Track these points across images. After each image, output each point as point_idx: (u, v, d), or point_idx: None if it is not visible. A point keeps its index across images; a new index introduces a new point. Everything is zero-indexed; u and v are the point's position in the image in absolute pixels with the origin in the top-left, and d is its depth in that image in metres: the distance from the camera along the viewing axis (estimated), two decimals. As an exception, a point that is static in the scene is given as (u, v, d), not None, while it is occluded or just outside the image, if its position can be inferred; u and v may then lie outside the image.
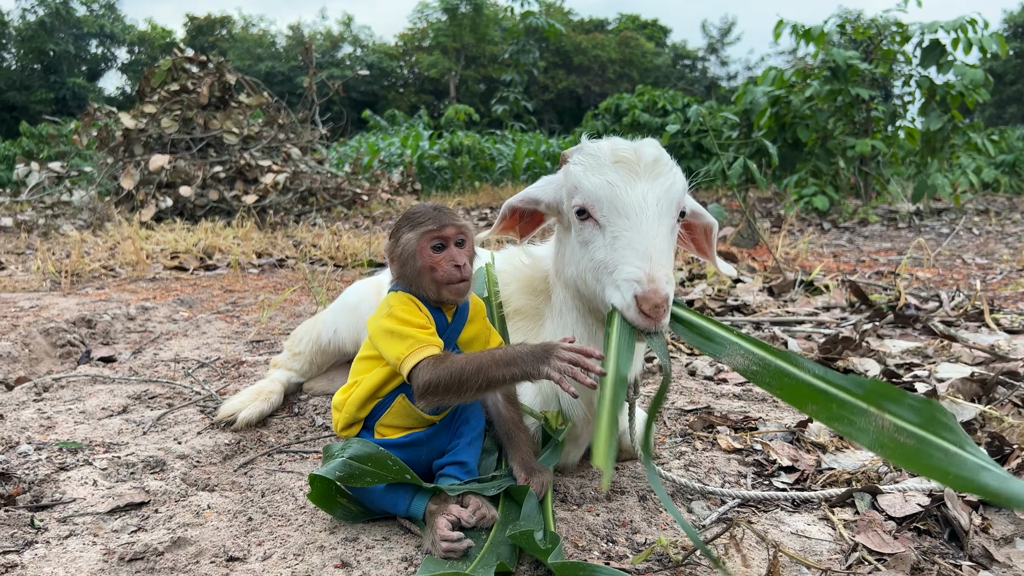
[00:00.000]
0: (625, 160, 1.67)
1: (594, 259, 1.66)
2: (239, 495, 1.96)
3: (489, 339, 1.85)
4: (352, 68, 47.14)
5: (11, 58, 49.94)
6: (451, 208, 1.79)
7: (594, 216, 1.67)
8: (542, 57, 44.29)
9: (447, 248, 1.72)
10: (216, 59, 12.27)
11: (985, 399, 2.64)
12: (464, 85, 49.88)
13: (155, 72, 11.99)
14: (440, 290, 1.72)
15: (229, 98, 12.37)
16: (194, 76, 12.03)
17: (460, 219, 1.75)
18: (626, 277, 1.54)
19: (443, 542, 1.56)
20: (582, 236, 1.71)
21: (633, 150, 1.69)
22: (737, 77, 59.88)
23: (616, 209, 1.63)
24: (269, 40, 57.72)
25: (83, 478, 2.01)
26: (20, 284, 5.48)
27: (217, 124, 11.71)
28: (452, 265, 1.69)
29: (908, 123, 12.11)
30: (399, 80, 54.81)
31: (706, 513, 1.87)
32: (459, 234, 1.73)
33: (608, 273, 1.60)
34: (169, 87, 11.82)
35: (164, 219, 10.32)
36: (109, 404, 2.66)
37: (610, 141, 1.76)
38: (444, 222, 1.72)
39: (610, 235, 1.62)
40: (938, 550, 1.72)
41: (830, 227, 10.11)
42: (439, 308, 1.77)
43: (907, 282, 5.33)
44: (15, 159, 13.07)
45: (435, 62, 49.56)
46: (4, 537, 1.70)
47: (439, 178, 19.72)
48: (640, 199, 1.62)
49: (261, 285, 5.58)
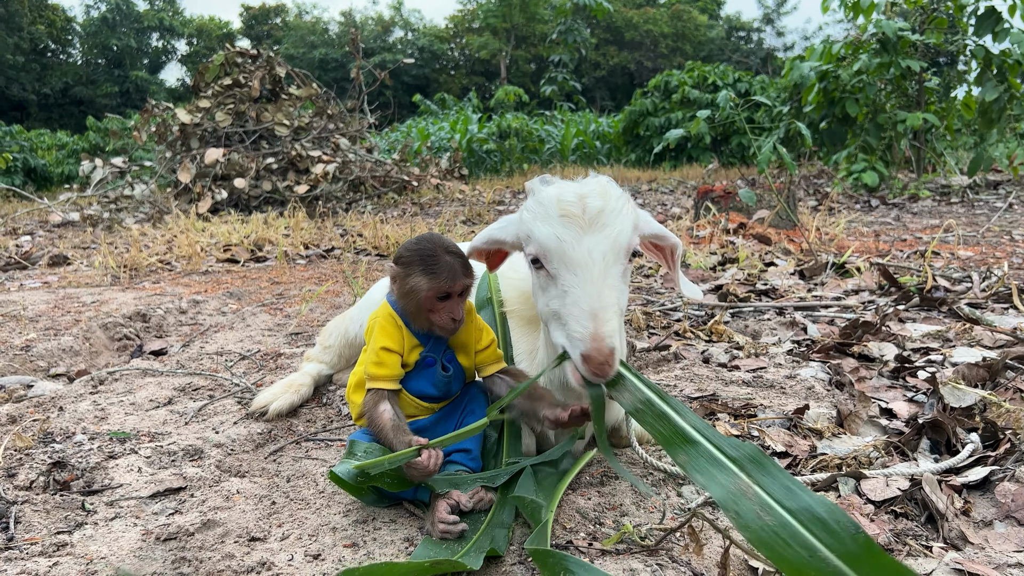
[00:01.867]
0: (571, 215, 1.72)
1: (549, 306, 1.76)
2: (267, 481, 2.15)
3: (481, 338, 2.00)
4: (404, 52, 47.51)
5: (77, 54, 51.69)
6: (460, 251, 1.90)
7: (546, 267, 1.76)
8: (593, 34, 43.92)
9: (451, 299, 1.87)
10: (266, 52, 12.60)
11: (990, 384, 2.69)
12: (515, 65, 49.80)
13: (208, 67, 12.37)
14: (431, 328, 1.88)
15: (280, 90, 12.70)
16: (246, 70, 12.38)
17: (471, 274, 1.88)
18: (574, 335, 1.65)
19: (440, 524, 1.72)
20: (539, 281, 1.81)
21: (579, 201, 1.73)
22: (794, 48, 58.49)
23: (564, 264, 1.71)
24: (322, 27, 58.42)
25: (129, 465, 2.23)
26: (84, 279, 5.82)
27: (268, 116, 12.05)
28: (450, 317, 1.85)
29: (964, 93, 11.80)
30: (450, 63, 55.00)
31: (694, 497, 1.99)
32: (464, 288, 1.88)
33: (561, 324, 1.71)
34: (222, 81, 12.20)
35: (220, 211, 10.70)
36: (156, 396, 2.89)
37: (558, 189, 1.80)
38: (457, 280, 1.85)
39: (560, 288, 1.71)
40: (912, 532, 1.81)
41: (878, 204, 9.95)
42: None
43: (945, 261, 5.30)
44: (81, 154, 13.63)
45: (485, 43, 49.58)
46: (59, 519, 1.92)
47: (488, 161, 19.86)
48: (586, 255, 1.69)
49: (307, 276, 5.82)
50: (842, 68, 11.30)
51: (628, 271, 1.85)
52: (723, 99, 5.66)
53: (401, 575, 1.42)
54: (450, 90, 40.42)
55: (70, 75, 47.61)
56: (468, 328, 1.97)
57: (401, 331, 1.91)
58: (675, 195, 12.81)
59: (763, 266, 5.14)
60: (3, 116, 34.06)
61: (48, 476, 2.12)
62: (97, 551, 1.74)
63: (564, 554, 1.42)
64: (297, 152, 11.53)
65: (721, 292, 4.39)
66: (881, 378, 2.94)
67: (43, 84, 44.88)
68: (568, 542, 1.75)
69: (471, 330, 1.98)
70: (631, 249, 1.79)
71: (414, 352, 1.91)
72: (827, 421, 2.45)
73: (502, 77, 45.21)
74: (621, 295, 1.75)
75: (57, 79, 46.02)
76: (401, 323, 1.91)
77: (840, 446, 2.29)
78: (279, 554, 1.72)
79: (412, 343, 1.91)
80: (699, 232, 6.64)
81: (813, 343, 3.43)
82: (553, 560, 1.42)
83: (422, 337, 1.91)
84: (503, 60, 47.43)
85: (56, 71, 46.88)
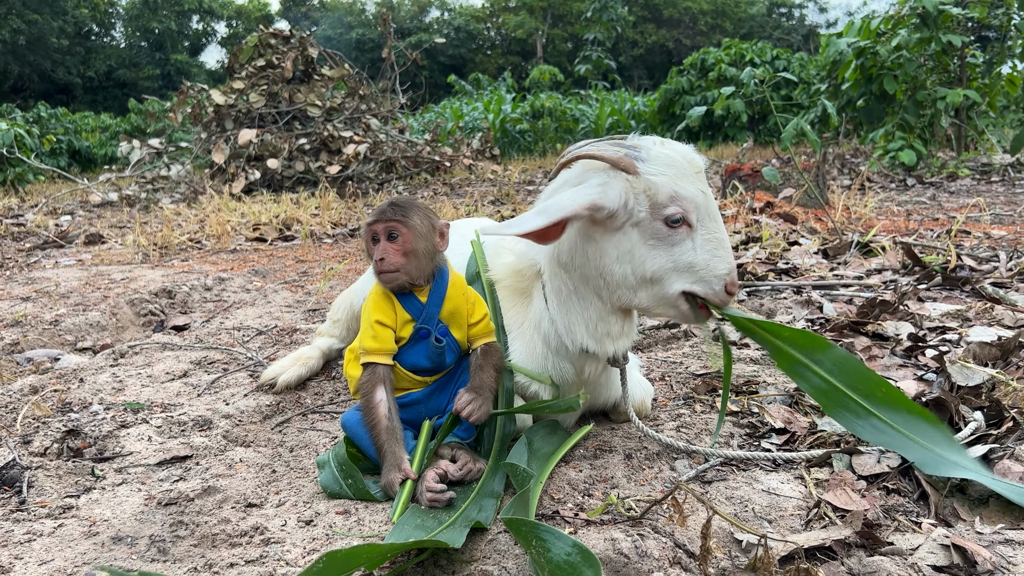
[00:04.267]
0: (701, 171, 1.93)
1: (679, 260, 1.88)
2: (270, 451, 2.21)
3: (473, 312, 2.02)
4: (439, 32, 47.44)
5: (120, 37, 52.49)
6: (410, 201, 1.96)
7: (689, 222, 1.87)
8: (631, 11, 43.43)
9: (379, 242, 1.90)
10: (299, 33, 12.69)
11: (1002, 363, 2.65)
12: (551, 45, 49.45)
13: (243, 49, 12.50)
14: (379, 279, 1.92)
15: (312, 71, 12.79)
16: (279, 51, 12.48)
17: (400, 214, 1.90)
18: (719, 272, 1.88)
19: (428, 492, 1.76)
20: (667, 239, 1.88)
21: (699, 161, 1.95)
22: (837, 24, 57.04)
23: (709, 215, 1.89)
24: (359, 8, 58.50)
25: (140, 435, 2.30)
26: (116, 257, 5.97)
27: (301, 97, 12.16)
28: (379, 258, 1.88)
29: (1009, 70, 11.46)
30: (486, 43, 54.76)
31: (687, 471, 2.01)
32: (388, 229, 1.90)
33: (692, 272, 1.89)
34: (256, 63, 12.33)
35: (253, 191, 10.85)
36: (173, 369, 2.97)
37: (679, 148, 1.95)
38: (380, 216, 1.91)
39: (702, 238, 1.88)
40: (903, 507, 1.81)
41: (914, 183, 9.75)
42: (411, 293, 1.95)
43: (976, 241, 5.19)
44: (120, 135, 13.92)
45: (521, 22, 49.27)
46: (69, 484, 1.99)
47: (521, 141, 19.82)
48: (716, 206, 1.94)
49: (332, 255, 5.90)
50: (880, 44, 11.03)
51: None
52: (747, 75, 5.58)
53: (383, 554, 1.45)
54: (486, 70, 40.27)
55: (113, 58, 48.39)
56: (460, 301, 2.00)
57: (393, 305, 1.94)
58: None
59: (787, 245, 5.09)
60: (49, 99, 34.80)
61: (62, 443, 2.20)
62: (101, 514, 1.81)
63: (538, 523, 1.44)
64: (329, 133, 11.63)
65: (740, 270, 4.36)
66: (893, 357, 2.91)
67: (87, 67, 45.70)
68: (555, 512, 1.78)
69: (463, 303, 2.00)
70: None
71: (407, 326, 1.95)
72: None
73: (538, 56, 44.96)
74: None
75: (101, 62, 46.82)
76: (393, 297, 1.94)
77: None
78: (273, 519, 1.77)
79: (404, 317, 1.94)
80: (725, 211, 6.58)
81: (827, 322, 3.40)
82: (526, 528, 1.45)
83: (414, 310, 1.94)
84: (539, 39, 47.12)
85: (100, 54, 47.69)
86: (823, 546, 1.59)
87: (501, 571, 1.52)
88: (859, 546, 1.62)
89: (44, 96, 36.76)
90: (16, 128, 14.84)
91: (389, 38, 13.53)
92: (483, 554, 1.60)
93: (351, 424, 1.99)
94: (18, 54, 39.88)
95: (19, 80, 41.25)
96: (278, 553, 1.61)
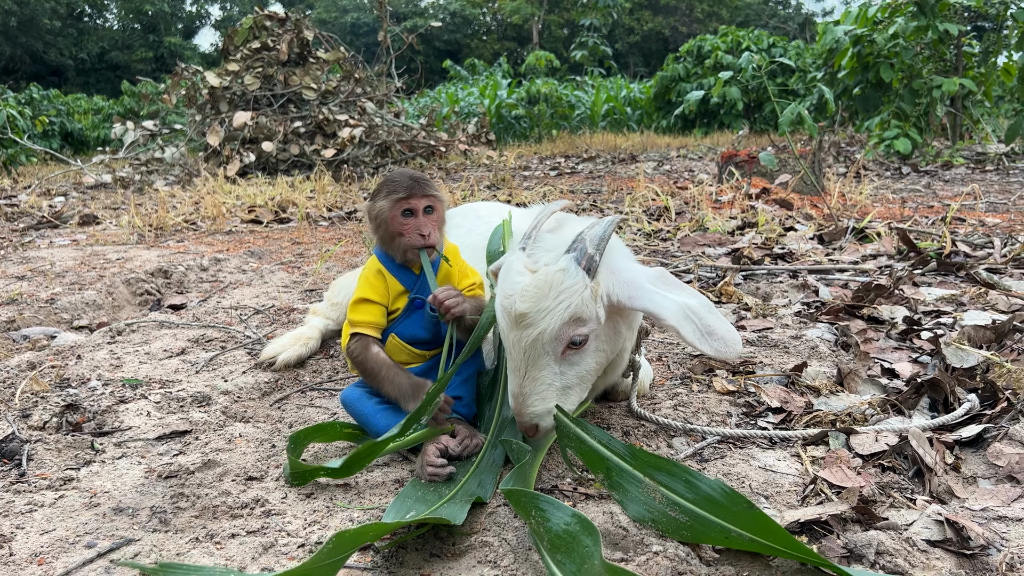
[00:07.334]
0: (505, 309, 1.78)
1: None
2: (270, 426, 2.22)
3: (462, 279, 2.04)
4: (435, 17, 47.19)
5: (113, 19, 52.05)
6: (427, 177, 1.98)
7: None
8: (627, -1, 43.24)
9: (415, 216, 1.90)
10: (294, 16, 12.60)
11: (996, 346, 2.67)
12: (547, 31, 49.23)
13: (237, 31, 12.41)
14: (406, 254, 1.92)
15: (307, 54, 12.71)
16: (274, 34, 12.40)
17: (432, 189, 1.93)
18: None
19: (428, 467, 1.77)
20: None
21: (509, 302, 1.75)
22: (833, 12, 56.90)
23: (506, 347, 1.83)
24: (354, -9, 58.10)
25: (139, 410, 2.30)
26: (111, 237, 5.95)
27: (296, 80, 12.09)
28: (417, 233, 1.88)
29: (1005, 59, 11.47)
30: (482, 28, 54.48)
31: (684, 449, 2.02)
32: (428, 203, 1.91)
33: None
34: (251, 45, 12.24)
35: (248, 174, 10.80)
36: (171, 347, 2.97)
37: (506, 281, 1.80)
38: (414, 191, 1.90)
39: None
40: (898, 485, 1.83)
41: (909, 171, 9.77)
42: (406, 266, 1.96)
43: (971, 228, 5.21)
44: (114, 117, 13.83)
45: (517, 8, 48.98)
46: (69, 457, 2.00)
47: (517, 127, 19.77)
48: (511, 346, 1.79)
49: (328, 237, 5.89)
50: (877, 32, 11.02)
51: (567, 354, 1.81)
52: (745, 60, 5.57)
53: (388, 532, 1.47)
54: (481, 56, 40.08)
55: (106, 40, 48.00)
56: (451, 270, 2.01)
57: (385, 281, 1.95)
58: (703, 161, 12.66)
59: (783, 230, 5.10)
60: (41, 80, 34.50)
61: (61, 418, 2.20)
62: (101, 486, 1.82)
63: (537, 493, 1.46)
64: (324, 116, 11.57)
65: (736, 255, 4.37)
66: (888, 339, 2.93)
67: (80, 49, 45.33)
68: (553, 486, 1.79)
69: (453, 272, 2.02)
70: (568, 338, 1.78)
71: (401, 298, 1.96)
72: (826, 379, 2.45)
73: (534, 42, 44.74)
74: (566, 373, 1.82)
75: (94, 44, 46.44)
76: (386, 271, 1.95)
77: (837, 403, 2.30)
78: (274, 492, 1.78)
79: (398, 290, 1.95)
80: (721, 197, 6.59)
81: (823, 305, 3.42)
82: (526, 499, 1.46)
83: (407, 281, 1.95)
84: (535, 25, 46.88)
85: (92, 36, 47.31)
86: (819, 520, 1.61)
87: (501, 542, 1.53)
88: (855, 521, 1.64)
89: (36, 78, 36.44)
90: (8, 109, 14.73)
91: (385, 21, 13.45)
92: (483, 526, 1.61)
93: (351, 400, 2.00)
94: (10, 35, 39.56)
95: (11, 61, 40.92)
96: (279, 524, 1.63)
